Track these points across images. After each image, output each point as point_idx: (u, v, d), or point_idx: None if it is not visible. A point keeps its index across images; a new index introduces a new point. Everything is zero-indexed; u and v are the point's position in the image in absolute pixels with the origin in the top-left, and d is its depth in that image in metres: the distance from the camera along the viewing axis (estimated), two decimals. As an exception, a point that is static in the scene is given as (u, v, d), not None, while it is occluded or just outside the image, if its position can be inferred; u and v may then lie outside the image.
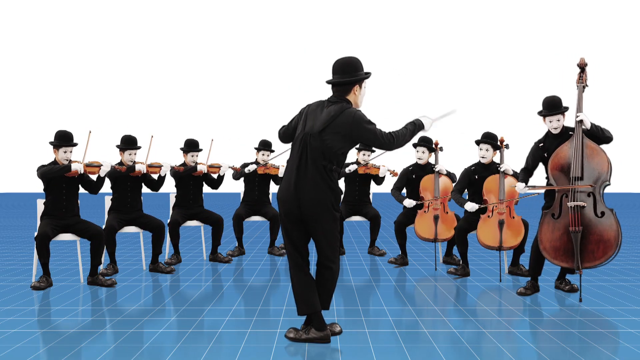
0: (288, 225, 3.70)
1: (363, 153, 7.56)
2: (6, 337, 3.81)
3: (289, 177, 3.68)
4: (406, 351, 3.50)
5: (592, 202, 4.73)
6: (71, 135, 5.59)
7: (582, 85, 4.94)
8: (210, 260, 7.17)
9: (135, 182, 6.30)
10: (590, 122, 4.82)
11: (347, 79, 3.69)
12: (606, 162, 4.73)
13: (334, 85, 3.75)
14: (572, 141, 4.82)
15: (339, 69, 3.72)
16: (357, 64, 3.73)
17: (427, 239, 6.56)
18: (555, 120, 5.03)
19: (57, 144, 5.52)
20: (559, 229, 4.81)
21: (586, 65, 4.97)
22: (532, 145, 5.24)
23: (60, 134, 5.56)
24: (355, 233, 11.08)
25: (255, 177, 7.70)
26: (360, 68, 3.74)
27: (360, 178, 7.66)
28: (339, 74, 3.72)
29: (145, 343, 3.68)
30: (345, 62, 3.71)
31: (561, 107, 5.02)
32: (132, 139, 6.26)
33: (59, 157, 5.56)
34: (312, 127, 3.68)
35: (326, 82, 3.77)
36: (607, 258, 4.65)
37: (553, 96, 5.02)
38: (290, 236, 3.71)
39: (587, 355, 3.41)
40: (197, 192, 7.09)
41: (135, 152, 6.25)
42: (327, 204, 3.61)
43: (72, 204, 5.64)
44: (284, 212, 3.69)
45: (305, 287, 3.67)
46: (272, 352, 3.48)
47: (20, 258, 7.59)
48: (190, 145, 7.04)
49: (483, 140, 6.08)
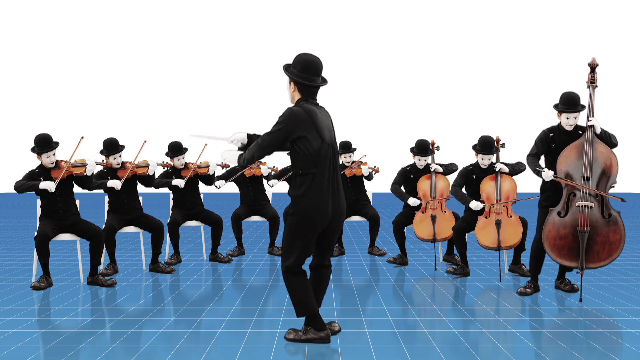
0: (311, 238, 3.60)
1: (344, 156, 7.58)
2: (6, 337, 3.81)
3: (323, 191, 3.54)
4: (406, 351, 3.50)
5: (600, 203, 4.73)
6: (50, 138, 5.44)
7: (593, 86, 4.92)
8: (210, 260, 7.17)
9: (127, 182, 6.28)
10: (601, 127, 4.81)
11: (322, 82, 3.65)
12: (615, 165, 4.74)
13: (317, 87, 3.64)
14: (583, 140, 4.80)
15: (321, 69, 3.62)
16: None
17: (426, 240, 6.56)
18: (572, 117, 4.92)
19: (39, 151, 5.40)
20: (565, 228, 4.80)
21: (597, 66, 4.94)
22: (541, 132, 5.09)
23: (38, 139, 5.40)
24: (355, 233, 11.08)
25: (246, 179, 7.70)
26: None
27: (350, 180, 7.67)
28: (319, 76, 3.63)
29: (145, 343, 3.68)
30: (320, 63, 3.62)
31: (579, 106, 4.92)
32: (113, 142, 6.16)
33: (43, 162, 5.47)
34: (331, 136, 3.64)
35: (320, 84, 3.61)
36: (611, 260, 4.66)
37: (572, 93, 4.89)
38: (307, 247, 3.61)
39: (588, 355, 3.40)
40: (193, 192, 7.07)
41: (119, 154, 6.17)
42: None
43: (69, 204, 5.61)
44: (312, 228, 3.55)
45: (306, 290, 3.65)
46: (272, 352, 3.48)
47: (20, 258, 7.59)
48: (174, 149, 6.95)
49: (485, 152, 6.02)
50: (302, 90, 3.60)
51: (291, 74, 3.60)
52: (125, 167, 6.20)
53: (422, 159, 6.84)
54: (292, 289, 3.64)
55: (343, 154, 7.55)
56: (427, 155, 6.81)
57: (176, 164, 6.98)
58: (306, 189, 3.53)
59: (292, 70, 3.60)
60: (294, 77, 3.58)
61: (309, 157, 3.52)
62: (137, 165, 6.22)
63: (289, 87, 3.66)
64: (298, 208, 3.54)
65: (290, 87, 3.65)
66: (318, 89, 3.64)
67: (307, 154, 3.52)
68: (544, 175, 4.85)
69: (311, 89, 3.60)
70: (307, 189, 3.53)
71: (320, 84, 3.61)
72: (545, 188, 5.09)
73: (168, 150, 6.99)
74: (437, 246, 7.58)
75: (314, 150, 3.52)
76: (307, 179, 3.53)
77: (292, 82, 3.62)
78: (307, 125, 3.51)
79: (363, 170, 7.45)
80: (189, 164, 6.99)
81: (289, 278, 3.64)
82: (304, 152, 3.52)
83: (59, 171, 5.47)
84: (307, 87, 3.59)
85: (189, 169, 6.96)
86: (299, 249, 3.60)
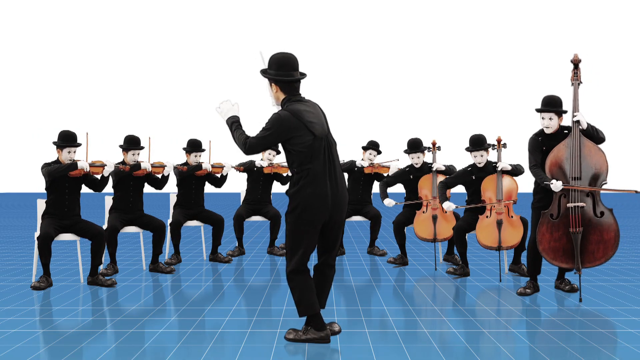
0: (313, 233, 3.61)
1: (369, 152, 7.54)
2: (6, 337, 3.81)
3: (320, 185, 3.56)
4: (406, 351, 3.50)
5: (592, 202, 4.72)
6: (75, 136, 5.56)
7: (577, 82, 4.89)
8: (210, 260, 7.17)
9: (137, 182, 6.30)
10: (587, 122, 4.79)
11: (302, 74, 3.69)
12: (604, 162, 4.71)
13: (297, 82, 3.66)
14: (570, 140, 4.78)
15: (297, 64, 3.66)
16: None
17: (426, 239, 6.56)
18: (547, 118, 4.86)
19: (61, 145, 5.50)
20: (558, 230, 4.80)
21: (580, 62, 4.92)
22: (529, 140, 5.04)
23: (63, 134, 5.54)
24: (355, 233, 11.08)
25: (260, 176, 7.70)
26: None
27: (365, 178, 7.64)
28: (296, 70, 3.67)
29: (146, 343, 3.68)
30: (295, 58, 3.67)
31: (556, 106, 4.86)
32: (136, 139, 6.25)
33: (62, 157, 5.54)
34: (323, 129, 3.64)
35: (299, 78, 3.63)
36: (607, 258, 4.65)
37: (552, 95, 4.88)
38: (311, 244, 3.62)
39: (587, 355, 3.41)
40: (199, 192, 7.09)
41: (138, 152, 6.25)
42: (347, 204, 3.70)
43: (74, 204, 5.63)
44: (313, 221, 3.57)
45: (308, 289, 3.65)
46: (272, 352, 3.48)
47: (20, 258, 7.59)
48: (193, 145, 7.03)
49: (476, 149, 6.03)
50: (284, 88, 3.65)
51: (269, 75, 3.65)
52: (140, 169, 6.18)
53: (414, 156, 6.84)
54: (296, 288, 3.64)
55: (369, 149, 7.53)
56: (420, 152, 6.81)
57: (191, 160, 7.02)
58: (303, 184, 3.56)
59: (269, 71, 3.66)
60: (272, 77, 3.63)
61: (302, 154, 3.57)
62: (152, 165, 6.25)
63: (270, 90, 3.71)
64: (296, 203, 3.56)
65: (273, 89, 3.69)
66: (299, 83, 3.67)
67: (300, 151, 3.56)
68: (553, 187, 4.71)
69: (291, 84, 3.64)
70: (304, 184, 3.56)
71: (299, 78, 3.64)
72: (538, 190, 5.06)
73: (187, 146, 7.04)
74: (437, 246, 7.58)
75: (306, 147, 3.56)
76: (303, 174, 3.57)
77: (273, 83, 3.67)
78: (295, 126, 3.56)
79: (391, 170, 7.39)
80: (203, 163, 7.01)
81: (293, 279, 3.65)
82: (297, 151, 3.57)
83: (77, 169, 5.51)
84: (287, 84, 3.64)
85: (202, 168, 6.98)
86: (302, 247, 3.60)
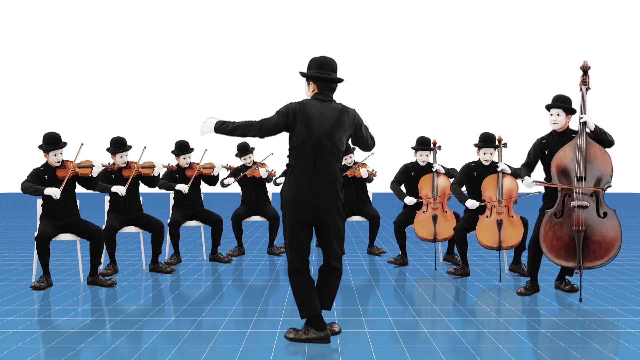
0: (300, 230, 3.65)
1: (344, 158, 7.60)
2: (6, 337, 3.81)
3: (300, 182, 3.62)
4: (406, 351, 3.50)
5: (595, 202, 4.74)
6: (59, 137, 5.48)
7: (585, 88, 4.96)
8: (210, 260, 7.17)
9: (130, 182, 6.29)
10: (594, 124, 4.82)
11: (340, 78, 3.76)
12: (609, 164, 4.74)
13: (333, 82, 3.73)
14: (576, 142, 4.83)
15: (335, 66, 3.75)
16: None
17: (426, 239, 6.56)
18: (555, 114, 4.95)
19: (47, 149, 5.44)
20: (561, 229, 4.82)
21: (589, 69, 4.99)
22: (535, 141, 5.20)
23: (47, 136, 5.45)
24: (355, 233, 11.08)
25: (249, 180, 7.74)
26: None
27: (352, 181, 7.70)
28: (335, 72, 3.74)
29: (145, 343, 3.68)
30: (334, 61, 3.76)
31: (565, 103, 4.94)
32: (121, 140, 6.20)
33: (50, 161, 5.49)
34: (322, 130, 3.66)
35: (337, 80, 3.71)
36: (609, 258, 4.66)
37: (562, 94, 4.97)
38: (300, 240, 3.66)
39: (587, 355, 3.41)
40: (196, 192, 7.10)
41: (126, 153, 6.23)
42: (339, 205, 3.68)
43: (70, 204, 5.62)
44: (296, 217, 3.63)
45: (308, 290, 3.66)
46: (272, 352, 3.48)
47: (20, 258, 7.59)
48: (180, 147, 6.98)
49: (487, 145, 6.04)
50: (319, 86, 3.73)
51: (307, 73, 3.75)
52: (130, 167, 6.22)
53: (423, 154, 6.83)
54: (296, 289, 3.68)
55: (344, 155, 7.56)
56: (429, 150, 6.81)
57: (181, 162, 7.01)
58: (287, 180, 3.69)
59: (308, 71, 3.77)
60: (308, 74, 3.73)
61: (294, 150, 3.68)
62: (142, 166, 6.25)
63: (307, 90, 3.80)
64: (283, 199, 3.69)
65: (310, 87, 3.77)
66: (334, 84, 3.73)
67: (293, 147, 3.68)
68: (525, 182, 4.99)
69: (326, 82, 3.71)
70: (288, 180, 3.69)
71: (334, 77, 3.71)
72: (547, 192, 5.12)
73: (174, 148, 7.02)
74: (438, 246, 7.58)
75: (297, 143, 3.66)
76: (290, 170, 3.70)
77: (310, 82, 3.76)
78: (296, 118, 3.66)
79: (362, 173, 7.49)
80: (194, 164, 7.02)
81: (293, 279, 3.69)
82: (292, 146, 3.69)
83: (65, 170, 5.49)
84: (321, 81, 3.71)
85: (193, 168, 6.99)
86: (294, 243, 3.67)
